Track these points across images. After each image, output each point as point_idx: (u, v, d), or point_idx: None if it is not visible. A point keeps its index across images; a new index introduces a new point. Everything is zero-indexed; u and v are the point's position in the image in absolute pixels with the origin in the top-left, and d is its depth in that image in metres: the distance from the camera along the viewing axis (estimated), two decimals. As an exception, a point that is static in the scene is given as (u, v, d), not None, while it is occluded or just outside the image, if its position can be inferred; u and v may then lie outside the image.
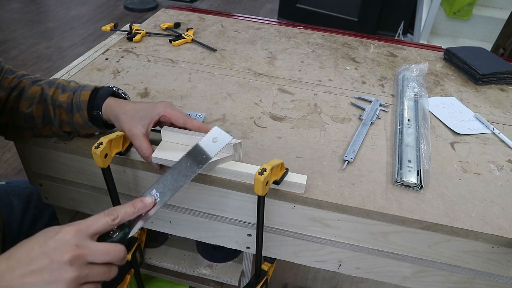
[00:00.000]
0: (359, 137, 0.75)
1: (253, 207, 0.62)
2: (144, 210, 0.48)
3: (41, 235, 0.41)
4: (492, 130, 0.81)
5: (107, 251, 0.42)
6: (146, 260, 0.87)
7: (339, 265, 0.71)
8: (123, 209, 0.46)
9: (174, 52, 1.02)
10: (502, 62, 1.04)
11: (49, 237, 0.40)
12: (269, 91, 0.88)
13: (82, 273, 0.39)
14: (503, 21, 1.86)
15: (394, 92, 0.92)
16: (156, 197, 0.50)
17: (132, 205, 0.47)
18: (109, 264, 0.42)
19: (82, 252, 0.40)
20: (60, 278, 0.38)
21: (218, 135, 0.55)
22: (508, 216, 0.61)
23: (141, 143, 0.59)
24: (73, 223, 0.42)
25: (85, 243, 0.41)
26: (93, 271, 0.41)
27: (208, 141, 0.55)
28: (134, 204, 0.47)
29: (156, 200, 0.50)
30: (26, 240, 0.40)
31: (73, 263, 0.39)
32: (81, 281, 0.40)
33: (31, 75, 0.68)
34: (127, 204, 0.47)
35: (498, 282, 0.66)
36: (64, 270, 0.38)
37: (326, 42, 1.16)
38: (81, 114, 0.63)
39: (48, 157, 0.73)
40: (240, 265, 0.87)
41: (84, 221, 0.42)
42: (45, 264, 0.38)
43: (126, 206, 0.46)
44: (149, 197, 0.49)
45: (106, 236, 0.45)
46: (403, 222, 0.61)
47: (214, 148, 0.54)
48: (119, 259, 0.43)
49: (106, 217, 0.44)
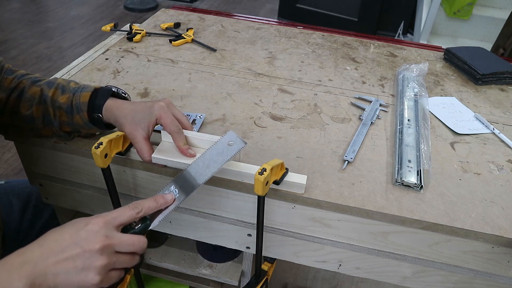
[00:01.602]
0: (359, 137, 0.75)
1: (253, 207, 0.62)
2: (164, 206, 0.52)
3: (70, 226, 0.44)
4: (492, 130, 0.81)
5: (133, 242, 0.46)
6: (146, 260, 0.87)
7: (339, 265, 0.71)
8: (146, 203, 0.50)
9: (174, 52, 1.02)
10: (502, 62, 1.04)
11: (79, 228, 0.43)
12: (269, 91, 0.88)
13: (111, 261, 0.43)
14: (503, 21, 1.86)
15: (394, 92, 0.92)
16: (175, 194, 0.54)
17: (154, 200, 0.51)
18: (133, 253, 0.47)
19: (111, 242, 0.44)
20: (91, 266, 0.42)
21: (234, 140, 0.58)
22: (508, 216, 0.61)
23: (142, 147, 0.59)
24: (100, 215, 0.45)
25: (113, 234, 0.45)
26: (120, 259, 0.45)
27: (223, 145, 0.57)
28: (156, 200, 0.51)
29: (175, 196, 0.54)
30: (54, 230, 0.43)
31: (103, 252, 0.43)
32: (109, 268, 0.44)
33: (31, 75, 0.68)
34: (150, 199, 0.51)
35: (498, 282, 0.66)
36: (95, 258, 0.42)
37: (326, 42, 1.16)
38: (81, 116, 0.63)
39: (48, 157, 0.73)
40: (240, 265, 0.87)
41: (111, 213, 0.46)
42: (77, 252, 0.41)
43: (149, 201, 0.50)
44: (169, 194, 0.53)
45: (129, 227, 0.48)
46: (403, 222, 0.61)
47: (229, 152, 0.57)
48: (141, 249, 0.47)
49: (131, 210, 0.47)
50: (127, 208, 0.48)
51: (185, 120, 0.62)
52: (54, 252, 0.41)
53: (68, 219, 0.90)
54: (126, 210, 0.47)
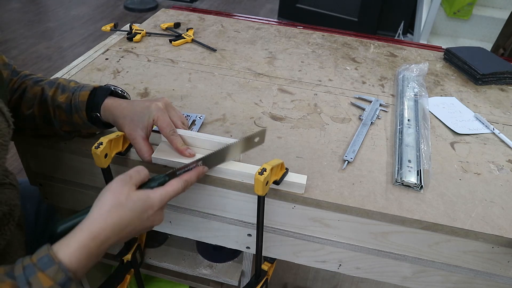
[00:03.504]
0: (359, 137, 0.75)
1: (253, 207, 0.62)
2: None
3: (136, 209, 0.48)
4: (492, 130, 0.81)
5: (175, 193, 0.53)
6: (146, 260, 0.87)
7: (339, 265, 0.71)
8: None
9: (174, 52, 1.02)
10: (502, 62, 1.04)
11: (145, 210, 0.49)
12: (269, 91, 0.88)
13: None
14: (503, 21, 1.86)
15: (394, 92, 0.92)
16: (200, 165, 0.57)
17: None
18: None
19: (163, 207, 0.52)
20: (155, 223, 0.52)
21: (260, 137, 0.61)
22: (508, 216, 0.61)
23: (141, 147, 0.59)
24: (159, 200, 0.50)
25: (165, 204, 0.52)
26: None
27: (251, 139, 0.60)
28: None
29: (198, 164, 0.56)
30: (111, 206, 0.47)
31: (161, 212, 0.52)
32: None
33: (34, 75, 0.68)
34: None
35: (498, 282, 0.66)
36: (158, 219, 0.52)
37: (326, 42, 1.16)
38: (80, 115, 0.63)
39: (48, 157, 0.73)
40: (240, 265, 0.87)
41: (167, 194, 0.51)
42: (148, 227, 0.51)
43: None
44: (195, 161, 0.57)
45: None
46: (403, 222, 0.61)
47: (253, 145, 0.61)
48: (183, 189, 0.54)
49: (180, 186, 0.53)
50: (180, 183, 0.53)
51: (181, 124, 0.62)
52: (124, 229, 0.47)
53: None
54: (179, 186, 0.53)
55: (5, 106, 0.49)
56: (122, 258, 0.76)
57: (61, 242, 0.43)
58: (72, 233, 0.44)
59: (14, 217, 0.54)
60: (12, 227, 0.53)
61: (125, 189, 0.48)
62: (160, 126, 0.59)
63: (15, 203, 0.54)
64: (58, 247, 0.43)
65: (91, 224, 0.45)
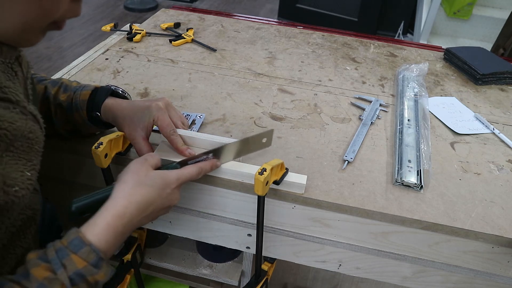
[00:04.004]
0: (359, 137, 0.75)
1: (253, 207, 0.62)
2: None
3: (157, 186, 0.50)
4: (492, 130, 0.81)
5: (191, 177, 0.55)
6: (146, 260, 0.87)
7: (339, 265, 0.71)
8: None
9: (174, 52, 1.02)
10: (502, 62, 1.04)
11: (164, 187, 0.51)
12: (269, 91, 0.88)
13: None
14: (503, 21, 1.86)
15: (394, 92, 0.92)
16: (210, 157, 0.59)
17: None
18: None
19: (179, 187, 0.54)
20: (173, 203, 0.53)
21: (268, 137, 0.63)
22: (508, 216, 0.61)
23: (141, 147, 0.59)
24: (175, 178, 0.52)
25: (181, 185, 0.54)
26: None
27: (259, 139, 0.62)
28: None
29: (209, 157, 0.58)
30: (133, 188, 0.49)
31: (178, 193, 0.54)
32: None
33: (37, 74, 0.68)
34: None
35: (498, 282, 0.66)
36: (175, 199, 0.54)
37: (326, 42, 1.16)
38: (80, 114, 0.63)
39: (48, 157, 0.72)
40: (240, 265, 0.87)
41: (183, 174, 0.54)
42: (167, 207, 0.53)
43: None
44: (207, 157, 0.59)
45: None
46: (403, 222, 0.61)
47: (260, 146, 0.63)
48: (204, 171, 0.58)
49: (195, 171, 0.56)
50: (195, 169, 0.56)
51: (181, 124, 0.62)
52: (147, 207, 0.49)
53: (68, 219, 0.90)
54: (195, 172, 0.55)
55: (39, 114, 0.50)
56: (122, 258, 0.76)
57: (88, 224, 0.45)
58: (98, 214, 0.46)
59: (36, 221, 0.55)
60: (33, 231, 0.54)
61: (143, 168, 0.51)
62: (160, 126, 0.59)
63: (37, 207, 0.55)
64: (86, 228, 0.44)
65: (116, 203, 0.47)
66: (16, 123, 0.43)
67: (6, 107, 0.43)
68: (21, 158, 0.45)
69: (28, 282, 0.39)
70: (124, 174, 0.50)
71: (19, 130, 0.44)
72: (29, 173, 0.46)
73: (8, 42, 0.45)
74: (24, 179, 0.45)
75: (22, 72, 0.51)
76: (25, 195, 0.44)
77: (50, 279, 0.40)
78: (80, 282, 0.41)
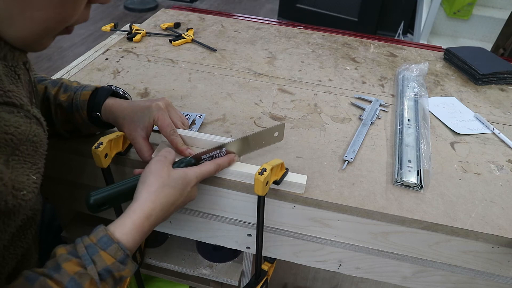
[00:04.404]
0: (359, 137, 0.75)
1: (253, 207, 0.62)
2: None
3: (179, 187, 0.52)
4: (492, 130, 0.81)
5: (208, 173, 0.57)
6: (146, 260, 0.87)
7: (339, 265, 0.71)
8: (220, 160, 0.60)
9: (174, 52, 1.02)
10: (502, 62, 1.04)
11: (185, 187, 0.53)
12: (269, 91, 0.88)
13: None
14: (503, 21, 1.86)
15: (394, 92, 0.92)
16: (223, 153, 0.60)
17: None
18: None
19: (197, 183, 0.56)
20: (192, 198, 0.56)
21: (280, 131, 0.65)
22: (508, 216, 0.61)
23: (141, 147, 0.59)
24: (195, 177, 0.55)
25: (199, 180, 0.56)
26: None
27: (271, 133, 0.64)
28: None
29: (222, 150, 0.59)
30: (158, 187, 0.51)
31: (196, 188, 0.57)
32: None
33: (37, 74, 0.68)
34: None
35: (498, 282, 0.66)
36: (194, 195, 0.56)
37: (326, 42, 1.16)
38: (81, 114, 0.63)
39: (48, 157, 0.72)
40: (240, 265, 0.87)
41: (201, 172, 0.56)
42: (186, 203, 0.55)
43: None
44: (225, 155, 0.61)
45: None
46: (403, 222, 0.61)
47: (272, 140, 0.65)
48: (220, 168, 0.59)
49: (213, 167, 0.57)
50: (213, 166, 0.57)
51: (181, 124, 0.62)
52: (170, 207, 0.52)
53: (68, 219, 0.90)
54: (212, 168, 0.57)
55: (42, 117, 0.51)
56: (122, 258, 0.76)
57: (115, 223, 0.47)
58: (125, 214, 0.48)
59: (36, 221, 0.56)
60: (34, 231, 0.55)
61: (165, 169, 0.52)
62: (161, 126, 0.59)
63: (38, 208, 0.56)
64: (114, 227, 0.47)
65: (143, 205, 0.49)
66: (21, 127, 0.44)
67: (11, 111, 0.44)
68: (27, 161, 0.45)
69: (60, 275, 0.41)
70: (147, 176, 0.52)
71: (24, 134, 0.44)
72: (34, 177, 0.46)
73: (21, 47, 0.45)
74: (30, 183, 0.45)
75: (29, 75, 0.51)
76: (31, 198, 0.45)
77: (81, 273, 0.42)
78: (108, 277, 0.44)
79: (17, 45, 0.44)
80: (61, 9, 0.41)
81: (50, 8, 0.41)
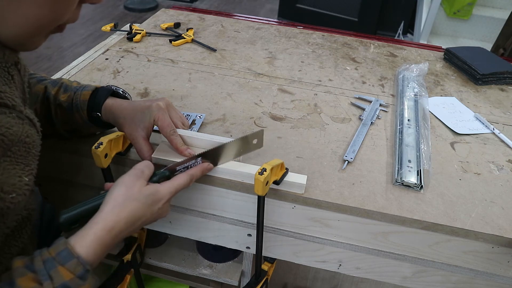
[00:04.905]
0: (359, 137, 0.75)
1: (253, 207, 0.62)
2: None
3: (148, 203, 0.50)
4: (492, 130, 0.81)
5: (182, 186, 0.55)
6: (146, 260, 0.87)
7: (339, 265, 0.71)
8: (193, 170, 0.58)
9: (174, 52, 1.02)
10: (502, 62, 1.04)
11: (155, 203, 0.51)
12: (269, 91, 0.88)
13: None
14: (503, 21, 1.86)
15: (394, 92, 0.92)
16: (199, 162, 0.58)
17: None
18: None
19: (170, 200, 0.54)
20: (163, 215, 0.54)
21: (258, 139, 0.64)
22: (508, 216, 0.61)
23: (142, 147, 0.59)
24: (167, 193, 0.52)
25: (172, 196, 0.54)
26: None
27: (249, 140, 0.62)
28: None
29: (197, 160, 0.58)
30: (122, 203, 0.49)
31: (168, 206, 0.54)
32: None
33: (37, 74, 0.68)
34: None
35: (498, 282, 0.66)
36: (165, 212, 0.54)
37: (326, 42, 1.16)
38: (81, 114, 0.63)
39: (48, 157, 0.73)
40: (240, 265, 0.87)
41: (174, 187, 0.53)
42: (156, 219, 0.53)
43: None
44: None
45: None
46: (403, 222, 0.61)
47: (251, 147, 0.64)
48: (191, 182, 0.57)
49: (187, 180, 0.55)
50: (186, 178, 0.55)
51: (181, 124, 0.62)
52: (136, 221, 0.49)
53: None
54: (186, 181, 0.55)
55: (35, 118, 0.50)
56: (122, 258, 0.76)
57: (77, 235, 0.45)
58: (87, 226, 0.46)
59: (31, 221, 0.55)
60: (29, 231, 0.54)
61: (137, 183, 0.50)
62: (161, 126, 0.59)
63: (33, 207, 0.55)
64: (75, 240, 0.44)
65: (106, 216, 0.47)
66: (12, 128, 0.43)
67: (3, 112, 0.43)
68: (19, 163, 0.45)
69: None
70: (117, 186, 0.50)
71: (16, 135, 0.44)
72: (26, 178, 0.46)
73: (13, 46, 0.45)
74: (22, 185, 0.45)
75: (20, 76, 0.51)
76: (21, 201, 0.44)
77: None
78: None
79: (9, 44, 0.44)
80: (54, 7, 0.42)
81: (43, 6, 0.41)
